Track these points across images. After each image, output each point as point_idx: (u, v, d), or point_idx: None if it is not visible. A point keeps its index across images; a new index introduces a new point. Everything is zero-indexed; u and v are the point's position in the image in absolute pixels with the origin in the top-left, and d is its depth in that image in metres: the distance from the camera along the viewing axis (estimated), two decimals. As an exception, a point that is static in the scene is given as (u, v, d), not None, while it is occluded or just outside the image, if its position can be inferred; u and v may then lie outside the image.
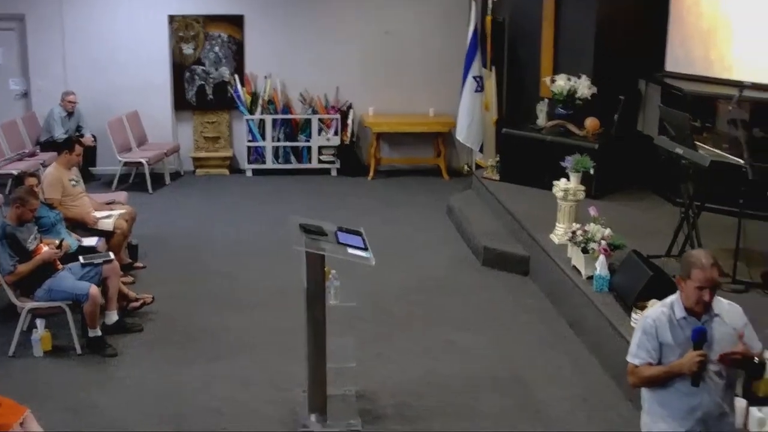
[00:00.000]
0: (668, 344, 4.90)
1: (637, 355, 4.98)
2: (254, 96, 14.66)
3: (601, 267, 8.43)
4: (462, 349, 8.39)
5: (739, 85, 9.29)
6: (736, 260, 8.45)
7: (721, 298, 4.97)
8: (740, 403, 6.10)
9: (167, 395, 7.43)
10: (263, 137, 14.68)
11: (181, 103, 14.77)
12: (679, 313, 4.90)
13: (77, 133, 13.30)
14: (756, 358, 4.88)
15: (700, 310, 4.84)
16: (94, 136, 13.79)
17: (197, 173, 14.82)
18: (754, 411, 6.06)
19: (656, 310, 5.01)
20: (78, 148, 9.85)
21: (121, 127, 13.89)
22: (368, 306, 9.09)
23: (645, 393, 5.11)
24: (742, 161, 8.52)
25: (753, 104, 10.71)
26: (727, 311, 4.94)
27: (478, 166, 13.79)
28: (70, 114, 13.65)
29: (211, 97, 14.78)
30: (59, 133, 13.26)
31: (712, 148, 9.18)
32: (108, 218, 9.83)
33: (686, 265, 4.85)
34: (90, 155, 13.58)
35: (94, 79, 14.20)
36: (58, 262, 8.38)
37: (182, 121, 14.87)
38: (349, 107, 14.82)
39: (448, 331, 8.74)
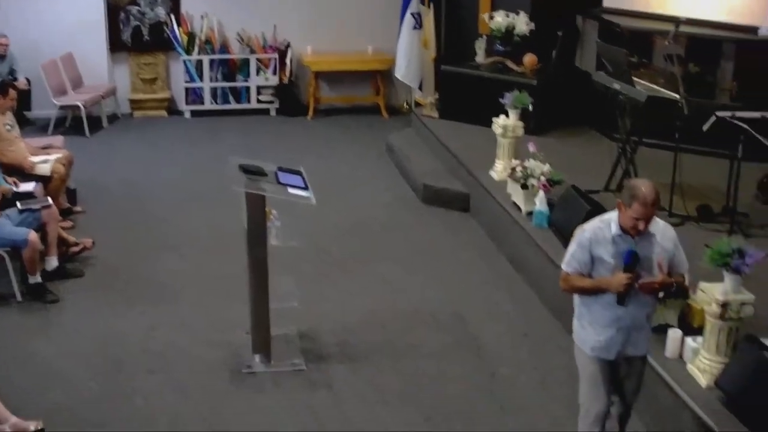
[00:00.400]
0: (600, 258, 5.12)
1: (569, 264, 5.23)
2: (191, 36, 14.44)
3: (540, 202, 8.52)
4: (402, 286, 8.46)
5: (675, 20, 9.35)
6: (672, 194, 8.58)
7: (658, 218, 5.12)
8: (675, 333, 6.25)
9: (109, 340, 7.40)
10: (201, 78, 14.51)
11: (116, 45, 14.48)
12: (615, 230, 5.09)
13: (10, 77, 13.01)
14: (674, 285, 5.10)
15: (634, 234, 5.03)
16: (28, 80, 13.51)
17: (135, 115, 14.62)
18: (689, 341, 6.15)
19: (594, 224, 5.21)
20: (12, 92, 9.65)
21: (56, 70, 13.61)
22: (308, 246, 9.10)
23: (576, 299, 5.35)
24: (677, 96, 8.61)
25: (688, 40, 10.85)
26: (662, 232, 5.13)
27: (417, 104, 13.74)
28: (1, 57, 13.33)
29: (147, 38, 14.52)
30: (-9, 77, 12.99)
31: (648, 84, 9.27)
32: (45, 163, 9.69)
33: (630, 196, 4.97)
34: (24, 99, 13.30)
35: (26, 21, 13.85)
36: (-5, 209, 8.28)
37: (118, 62, 14.61)
38: (288, 46, 14.67)
39: (388, 269, 8.80)
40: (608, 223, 5.13)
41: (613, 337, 5.21)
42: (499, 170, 9.77)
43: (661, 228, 5.14)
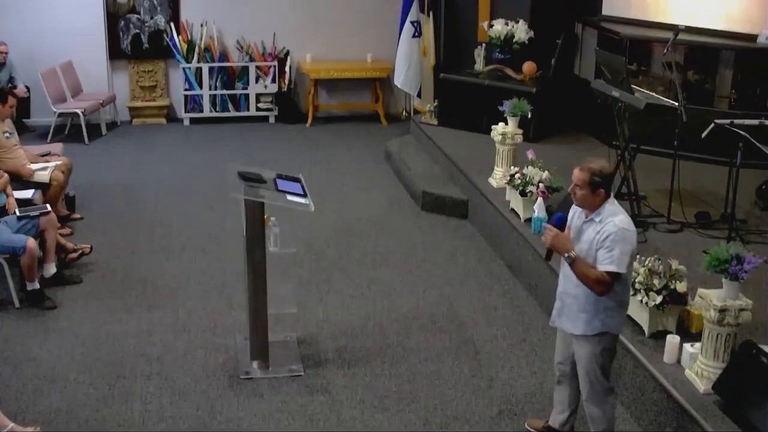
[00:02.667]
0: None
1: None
2: (190, 44, 14.44)
3: (539, 209, 8.52)
4: (401, 291, 8.47)
5: (674, 28, 9.37)
6: (670, 200, 8.64)
7: (619, 211, 5.46)
8: (673, 339, 6.27)
9: (107, 345, 7.40)
10: (200, 85, 14.52)
11: (116, 53, 14.49)
12: None
13: (9, 85, 13.01)
14: (569, 255, 5.41)
15: (575, 202, 5.59)
16: (27, 87, 13.50)
17: (134, 123, 14.61)
18: (687, 347, 6.16)
19: None
20: (11, 100, 9.63)
21: (55, 78, 13.61)
22: (307, 252, 9.14)
23: None
24: (676, 103, 8.62)
25: (687, 48, 10.89)
26: (607, 222, 5.39)
27: (416, 111, 13.80)
28: (1, 65, 13.33)
29: (146, 45, 14.54)
30: (-10, 85, 12.97)
31: (647, 91, 9.32)
32: (44, 170, 9.67)
33: None
34: (23, 106, 13.34)
35: (25, 29, 13.84)
36: (-7, 216, 8.26)
37: (117, 70, 14.61)
38: (287, 54, 14.69)
39: (386, 275, 8.81)
40: None
41: (556, 301, 5.74)
42: (497, 177, 9.77)
43: (609, 218, 5.39)
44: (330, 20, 14.70)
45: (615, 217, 5.37)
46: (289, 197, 6.83)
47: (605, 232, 5.33)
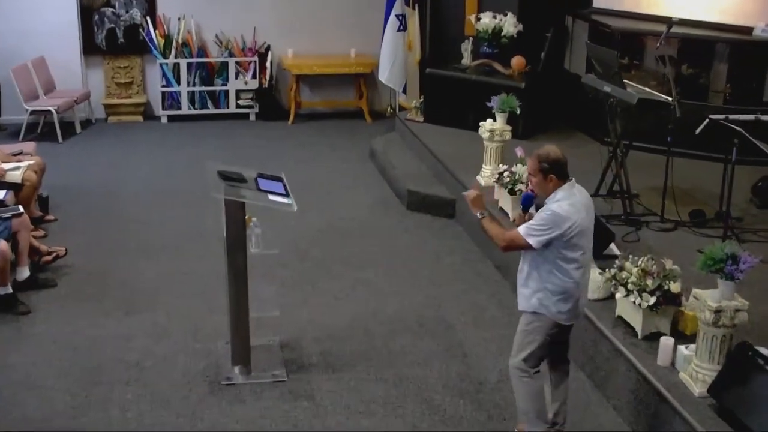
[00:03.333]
0: None
1: None
2: (168, 39, 14.26)
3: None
4: (386, 293, 8.38)
5: (667, 21, 9.33)
6: (664, 198, 8.63)
7: (567, 198, 5.44)
8: (667, 341, 6.22)
9: (84, 349, 7.26)
10: (178, 82, 14.33)
11: (90, 48, 14.28)
12: None
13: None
14: (481, 212, 5.82)
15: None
16: (-3, 84, 13.34)
17: (109, 121, 14.43)
18: (681, 349, 6.12)
19: None
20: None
21: (27, 74, 13.37)
22: (290, 252, 9.03)
23: None
24: (670, 98, 8.61)
25: (681, 41, 10.84)
26: (551, 203, 5.48)
27: (401, 108, 13.77)
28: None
29: (122, 40, 14.32)
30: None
31: (639, 86, 9.31)
32: (16, 170, 9.45)
33: None
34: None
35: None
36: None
37: (92, 66, 14.40)
38: (267, 49, 14.54)
39: (372, 276, 8.73)
40: None
41: None
42: (486, 175, 9.67)
43: (556, 201, 5.45)
44: (312, 14, 14.58)
45: (561, 202, 5.44)
46: (271, 197, 6.75)
47: (543, 209, 5.48)
